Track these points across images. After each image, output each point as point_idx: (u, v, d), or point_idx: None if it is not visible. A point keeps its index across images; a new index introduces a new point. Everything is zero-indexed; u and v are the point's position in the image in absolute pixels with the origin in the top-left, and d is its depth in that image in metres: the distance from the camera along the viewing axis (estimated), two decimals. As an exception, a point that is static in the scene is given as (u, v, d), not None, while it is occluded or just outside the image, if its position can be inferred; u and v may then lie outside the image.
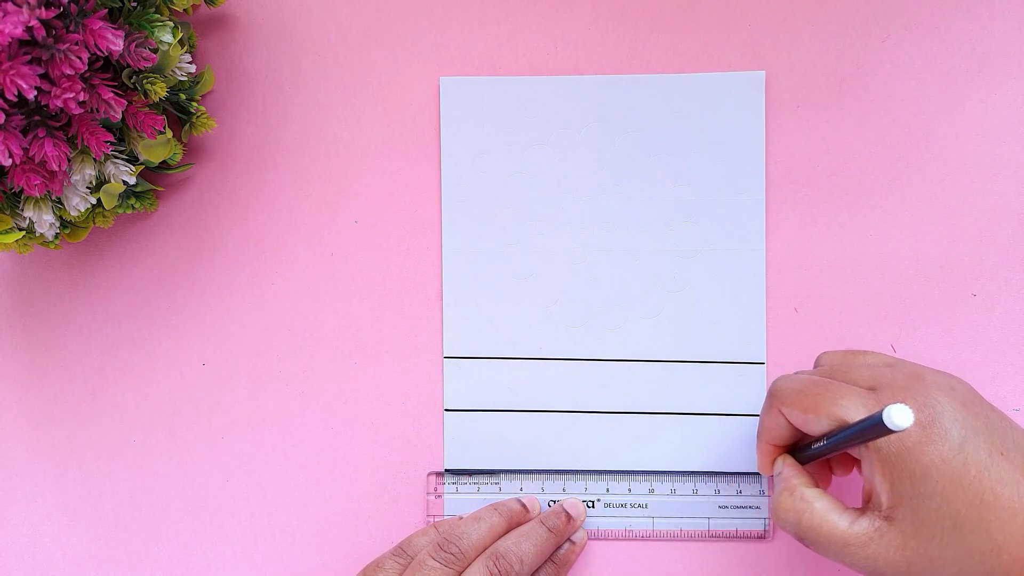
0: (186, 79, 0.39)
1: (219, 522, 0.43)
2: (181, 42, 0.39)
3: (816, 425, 0.32)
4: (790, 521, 0.33)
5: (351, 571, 0.43)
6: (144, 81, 0.37)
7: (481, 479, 0.43)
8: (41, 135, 0.34)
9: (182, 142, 0.42)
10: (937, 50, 0.43)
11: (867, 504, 0.32)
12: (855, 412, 0.31)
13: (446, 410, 0.43)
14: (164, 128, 0.38)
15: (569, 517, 0.40)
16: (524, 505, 0.41)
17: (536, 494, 0.43)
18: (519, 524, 0.40)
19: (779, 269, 0.43)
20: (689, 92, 0.43)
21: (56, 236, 0.39)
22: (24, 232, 0.38)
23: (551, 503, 0.43)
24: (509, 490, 0.43)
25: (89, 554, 0.44)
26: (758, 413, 0.42)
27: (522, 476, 0.43)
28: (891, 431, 0.27)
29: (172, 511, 0.43)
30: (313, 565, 0.43)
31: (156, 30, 0.36)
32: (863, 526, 0.31)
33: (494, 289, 0.43)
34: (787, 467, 0.35)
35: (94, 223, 0.41)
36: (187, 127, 0.41)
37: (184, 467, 0.43)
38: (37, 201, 0.37)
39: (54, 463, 0.44)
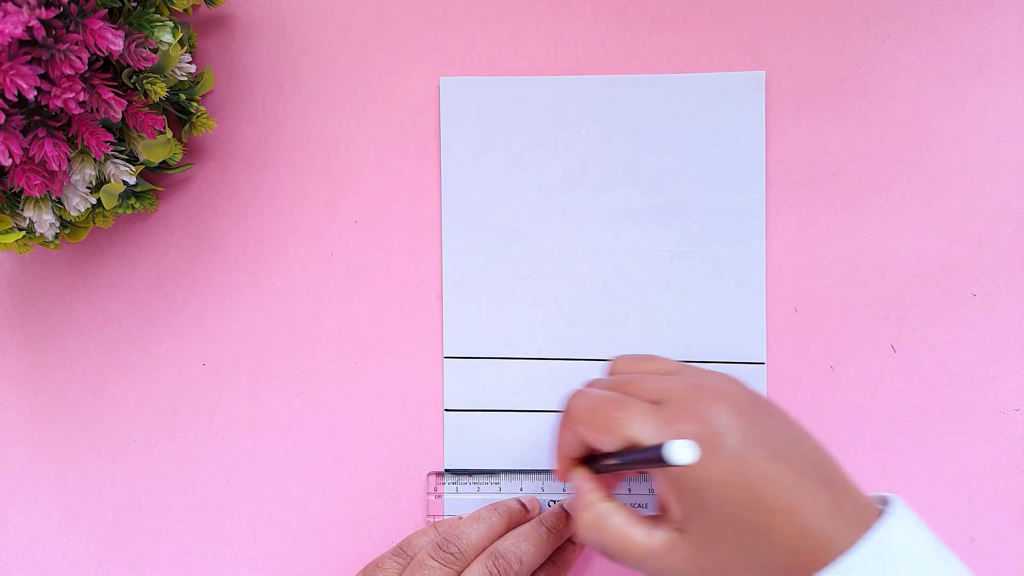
0: (186, 79, 0.39)
1: (219, 522, 0.43)
2: (181, 42, 0.39)
3: (608, 444, 0.33)
4: (590, 538, 0.34)
5: (351, 571, 0.43)
6: (144, 81, 0.37)
7: (481, 479, 0.43)
8: (41, 135, 0.34)
9: (182, 142, 0.42)
10: (937, 50, 0.43)
11: (663, 514, 0.33)
12: (642, 432, 0.32)
13: (446, 410, 0.43)
14: (164, 128, 0.38)
15: (569, 517, 0.40)
16: (524, 505, 0.41)
17: (536, 494, 0.43)
18: (519, 524, 0.40)
19: (779, 269, 0.43)
20: (689, 92, 0.43)
21: (56, 236, 0.39)
22: (24, 232, 0.38)
23: (551, 503, 0.43)
24: (509, 490, 0.43)
25: (89, 554, 0.44)
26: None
27: (522, 476, 0.43)
28: (674, 465, 0.28)
29: (172, 511, 0.43)
30: (313, 565, 0.43)
31: (156, 30, 0.36)
32: (658, 538, 0.32)
33: (494, 289, 0.43)
34: (583, 480, 0.36)
35: (94, 223, 0.41)
36: (187, 127, 0.41)
37: (184, 467, 0.43)
38: (37, 201, 0.37)
39: (54, 463, 0.44)
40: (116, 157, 0.38)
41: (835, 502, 0.31)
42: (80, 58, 0.32)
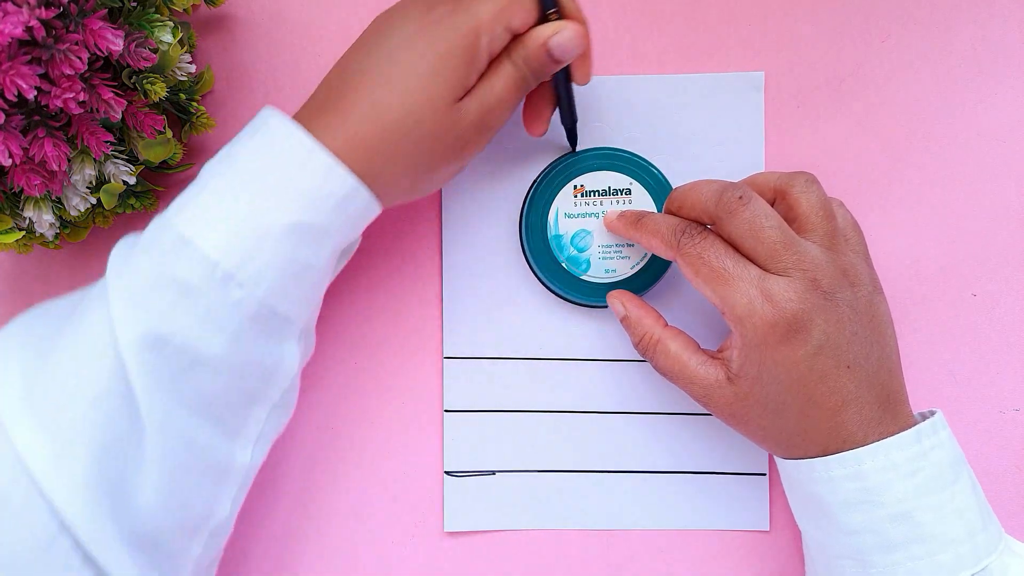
0: (186, 79, 0.39)
1: (219, 522, 0.43)
2: (181, 42, 0.39)
3: (703, 290, 0.36)
4: (649, 354, 0.38)
5: (350, 572, 0.43)
6: (144, 81, 0.37)
7: (481, 479, 0.43)
8: (41, 135, 0.34)
9: (182, 142, 0.42)
10: (937, 50, 0.43)
11: (720, 355, 0.37)
12: (740, 297, 0.34)
13: (446, 411, 0.43)
14: (164, 128, 0.38)
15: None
16: None
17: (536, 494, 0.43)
18: None
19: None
20: (689, 92, 0.43)
21: (56, 236, 0.39)
22: (24, 232, 0.38)
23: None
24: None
25: (89, 554, 0.44)
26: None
27: (522, 476, 0.43)
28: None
29: (172, 511, 0.43)
30: (312, 565, 0.43)
31: (156, 30, 0.36)
32: (710, 373, 0.36)
33: (494, 289, 0.43)
34: (641, 310, 0.39)
35: (94, 223, 0.41)
36: (187, 127, 0.41)
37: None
38: (37, 201, 0.37)
39: (54, 463, 0.44)
40: (116, 157, 0.38)
41: (880, 417, 0.34)
42: (80, 58, 0.32)
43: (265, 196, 0.32)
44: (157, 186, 0.43)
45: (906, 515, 0.33)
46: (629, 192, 0.42)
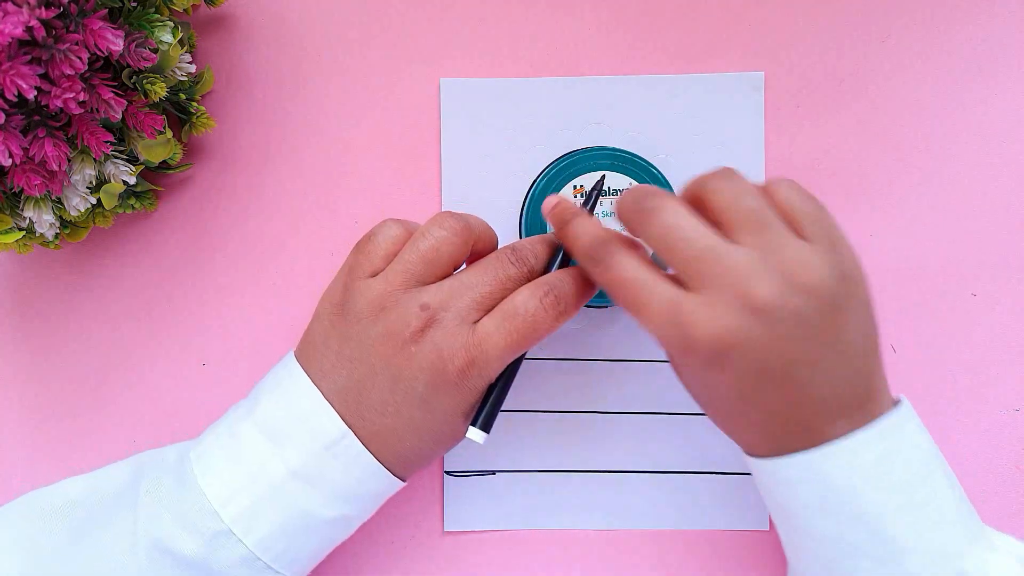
0: (186, 79, 0.39)
1: (219, 522, 0.43)
2: (181, 42, 0.39)
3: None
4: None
5: (350, 572, 0.43)
6: (144, 81, 0.37)
7: (481, 479, 0.43)
8: (41, 135, 0.34)
9: (182, 142, 0.42)
10: (937, 50, 0.43)
11: None
12: (739, 277, 0.30)
13: (446, 410, 0.43)
14: (164, 128, 0.38)
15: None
16: None
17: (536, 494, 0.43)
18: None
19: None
20: (689, 92, 0.43)
21: (56, 236, 0.39)
22: (24, 232, 0.38)
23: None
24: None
25: (89, 554, 0.44)
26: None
27: (521, 476, 0.43)
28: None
29: (172, 511, 0.43)
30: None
31: (156, 30, 0.36)
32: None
33: (494, 289, 0.43)
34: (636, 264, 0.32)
35: (94, 223, 0.41)
36: (187, 127, 0.41)
37: (184, 467, 0.43)
38: (37, 201, 0.37)
39: (54, 463, 0.44)
40: (116, 157, 0.38)
41: (844, 412, 0.31)
42: (80, 58, 0.32)
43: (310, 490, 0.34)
44: (157, 186, 0.43)
45: (874, 519, 0.31)
46: (629, 192, 0.42)
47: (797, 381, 0.30)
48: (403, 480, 0.36)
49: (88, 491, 0.36)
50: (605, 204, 0.41)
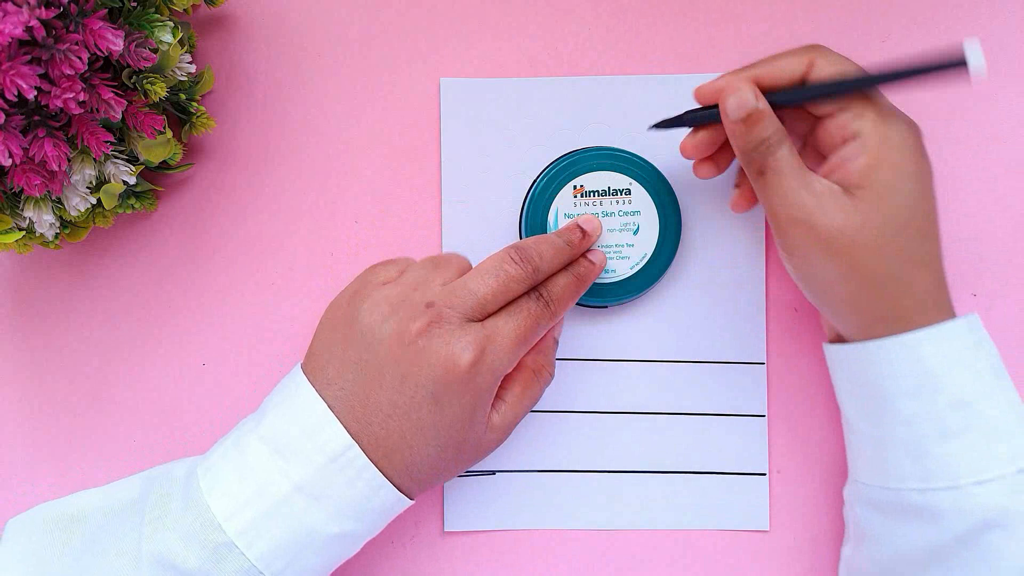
0: (186, 79, 0.39)
1: (219, 522, 0.43)
2: (181, 42, 0.39)
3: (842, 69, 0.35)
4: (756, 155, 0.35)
5: (350, 572, 0.43)
6: (144, 81, 0.37)
7: (480, 479, 0.43)
8: (41, 135, 0.34)
9: (182, 142, 0.42)
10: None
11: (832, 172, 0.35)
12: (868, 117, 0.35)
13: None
14: (164, 128, 0.38)
15: (584, 232, 0.39)
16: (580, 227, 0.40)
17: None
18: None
19: (779, 269, 0.43)
20: (689, 92, 0.43)
21: (56, 236, 0.39)
22: (24, 232, 0.38)
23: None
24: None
25: (89, 554, 0.44)
26: (758, 413, 0.42)
27: (522, 476, 0.43)
28: (967, 67, 0.32)
29: (172, 511, 0.43)
30: (313, 565, 0.43)
31: (156, 30, 0.36)
32: (822, 184, 0.34)
33: (494, 289, 0.43)
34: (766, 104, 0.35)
35: (94, 223, 0.41)
36: (187, 127, 0.41)
37: (184, 467, 0.43)
38: (37, 201, 0.37)
39: (54, 463, 0.44)
40: (116, 157, 0.38)
41: (937, 300, 0.35)
42: (80, 58, 0.32)
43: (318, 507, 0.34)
44: (157, 186, 0.43)
45: (964, 402, 0.33)
46: (629, 192, 0.42)
47: (903, 278, 0.34)
48: (411, 498, 0.36)
49: (96, 505, 0.35)
50: (605, 204, 0.41)
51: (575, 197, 0.41)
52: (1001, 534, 0.33)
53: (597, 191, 0.41)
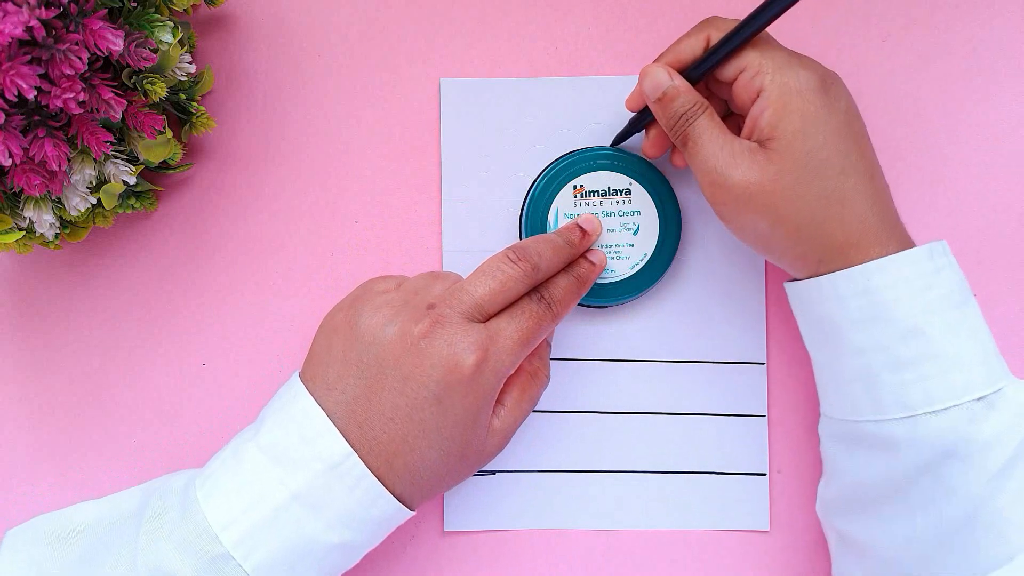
0: (186, 79, 0.39)
1: (219, 522, 0.43)
2: (181, 42, 0.39)
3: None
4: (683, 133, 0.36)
5: (351, 572, 0.43)
6: (144, 81, 0.37)
7: (480, 479, 0.43)
8: (41, 135, 0.34)
9: (182, 142, 0.42)
10: (937, 50, 0.43)
11: (748, 129, 0.36)
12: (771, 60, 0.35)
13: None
14: (164, 128, 0.38)
15: (584, 231, 0.39)
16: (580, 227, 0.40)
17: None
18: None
19: (779, 269, 0.43)
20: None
21: (56, 236, 0.39)
22: (24, 232, 0.38)
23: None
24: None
25: (89, 554, 0.44)
26: (758, 413, 0.42)
27: (521, 476, 0.43)
28: None
29: (172, 511, 0.43)
30: (313, 565, 0.43)
31: (156, 30, 0.36)
32: (741, 145, 0.35)
33: (494, 289, 0.43)
34: (686, 88, 0.36)
35: (94, 223, 0.41)
36: (187, 127, 0.41)
37: (184, 467, 0.43)
38: (37, 201, 0.37)
39: (54, 463, 0.44)
40: (116, 157, 0.38)
41: (885, 231, 0.35)
42: (80, 58, 0.32)
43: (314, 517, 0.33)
44: (157, 186, 0.43)
45: (916, 331, 0.33)
46: (629, 192, 0.42)
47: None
48: (411, 508, 0.35)
49: (95, 517, 0.35)
50: (605, 204, 0.41)
51: (575, 197, 0.41)
52: (959, 464, 0.32)
53: (597, 191, 0.41)
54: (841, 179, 0.34)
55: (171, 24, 0.36)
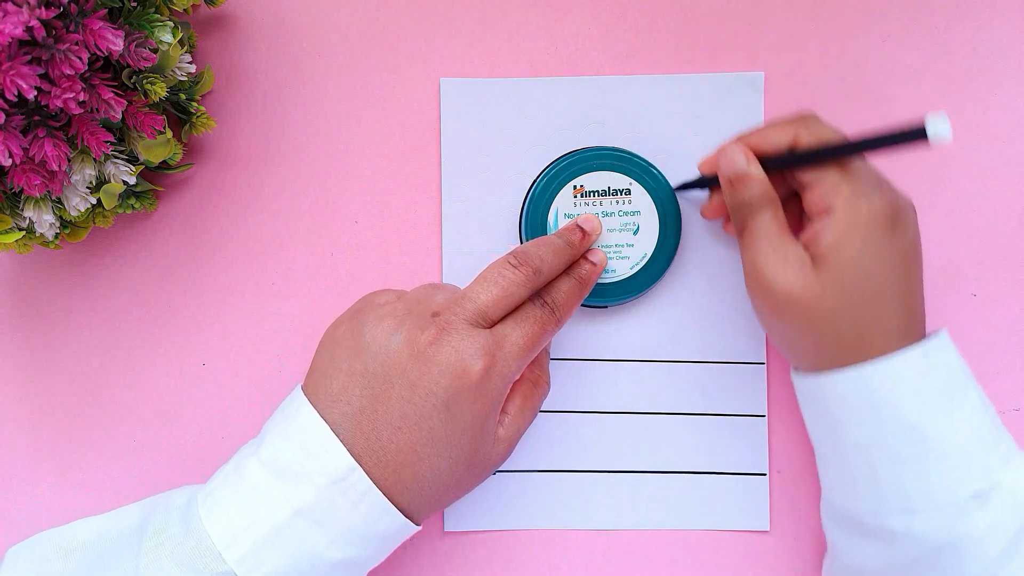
0: (186, 79, 0.39)
1: (219, 522, 0.43)
2: (181, 42, 0.39)
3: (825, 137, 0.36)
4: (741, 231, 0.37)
5: None
6: (144, 81, 0.37)
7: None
8: (41, 135, 0.34)
9: (182, 142, 0.42)
10: (937, 50, 0.43)
11: (803, 237, 0.36)
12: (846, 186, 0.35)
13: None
14: (164, 128, 0.38)
15: (584, 232, 0.39)
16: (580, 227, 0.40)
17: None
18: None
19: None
20: (689, 92, 0.43)
21: (56, 236, 0.39)
22: (24, 232, 0.38)
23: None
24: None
25: (89, 554, 0.44)
26: (758, 413, 0.42)
27: (522, 476, 0.43)
28: (927, 140, 0.32)
29: (172, 511, 0.43)
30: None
31: (156, 30, 0.36)
32: (794, 251, 0.35)
33: (494, 289, 0.43)
34: (762, 183, 0.36)
35: (94, 223, 0.41)
36: (187, 127, 0.41)
37: (184, 467, 0.43)
38: (37, 201, 0.37)
39: (54, 463, 0.44)
40: (116, 157, 0.38)
41: (903, 331, 0.35)
42: (80, 58, 0.32)
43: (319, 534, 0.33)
44: (157, 186, 0.43)
45: (915, 428, 0.33)
46: (629, 192, 0.42)
47: (860, 337, 0.34)
48: (416, 523, 0.35)
49: (97, 533, 0.35)
50: (605, 204, 0.41)
51: (575, 197, 0.41)
52: (956, 557, 0.33)
53: (597, 191, 0.42)
54: (881, 311, 0.34)
55: (171, 24, 0.36)
